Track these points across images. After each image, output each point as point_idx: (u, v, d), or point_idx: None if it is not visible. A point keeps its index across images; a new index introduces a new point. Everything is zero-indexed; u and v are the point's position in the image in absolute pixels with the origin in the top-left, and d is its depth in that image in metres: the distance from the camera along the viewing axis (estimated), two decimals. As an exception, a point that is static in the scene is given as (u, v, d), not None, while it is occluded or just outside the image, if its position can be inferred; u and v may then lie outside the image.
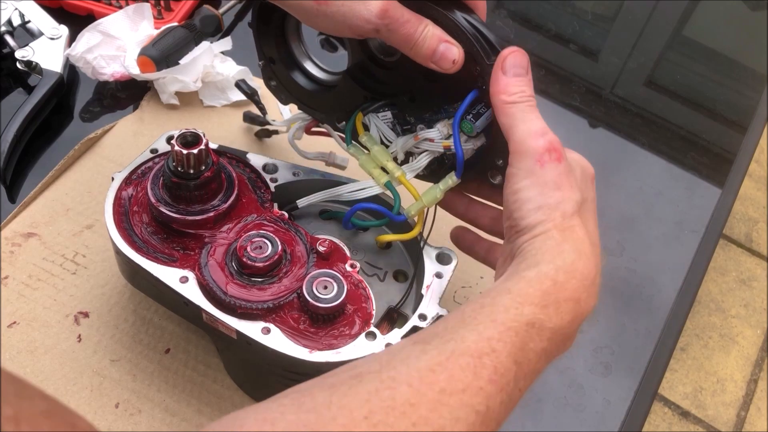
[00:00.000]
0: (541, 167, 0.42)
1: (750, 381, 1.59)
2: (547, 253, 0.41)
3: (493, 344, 0.37)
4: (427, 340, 0.37)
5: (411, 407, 0.34)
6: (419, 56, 0.45)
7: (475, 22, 0.45)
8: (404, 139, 0.51)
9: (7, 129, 0.65)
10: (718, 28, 0.97)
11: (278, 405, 0.35)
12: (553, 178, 0.42)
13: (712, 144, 0.80)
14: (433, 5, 0.44)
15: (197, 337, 0.57)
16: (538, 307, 0.39)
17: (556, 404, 0.58)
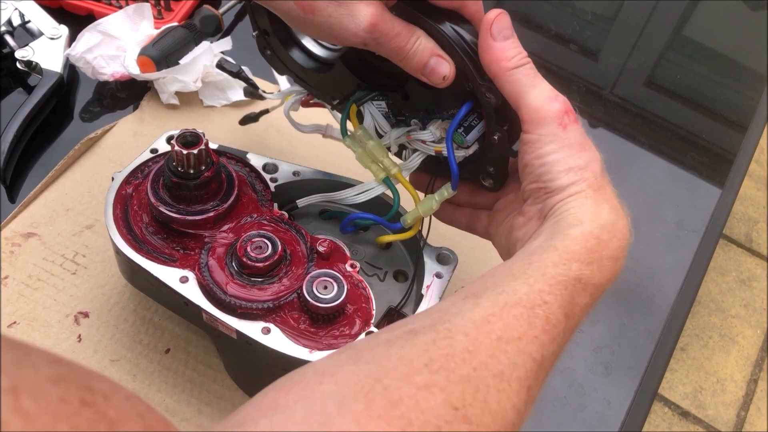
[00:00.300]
0: (564, 130, 0.43)
1: (750, 381, 1.59)
2: (587, 213, 0.42)
3: (544, 296, 0.38)
4: (478, 294, 0.38)
5: (470, 354, 0.34)
6: (409, 69, 0.44)
7: (468, 38, 0.44)
8: (398, 132, 0.50)
9: (7, 129, 0.65)
10: (718, 28, 0.97)
11: (336, 360, 0.35)
12: (577, 139, 0.43)
13: (712, 144, 0.80)
14: (425, 18, 0.44)
15: (197, 337, 0.57)
16: (584, 264, 0.40)
17: (556, 404, 0.58)
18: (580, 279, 0.39)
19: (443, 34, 0.43)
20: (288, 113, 0.57)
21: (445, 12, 0.44)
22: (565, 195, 0.42)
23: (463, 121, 0.46)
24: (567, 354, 0.60)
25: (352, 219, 0.53)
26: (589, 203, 0.42)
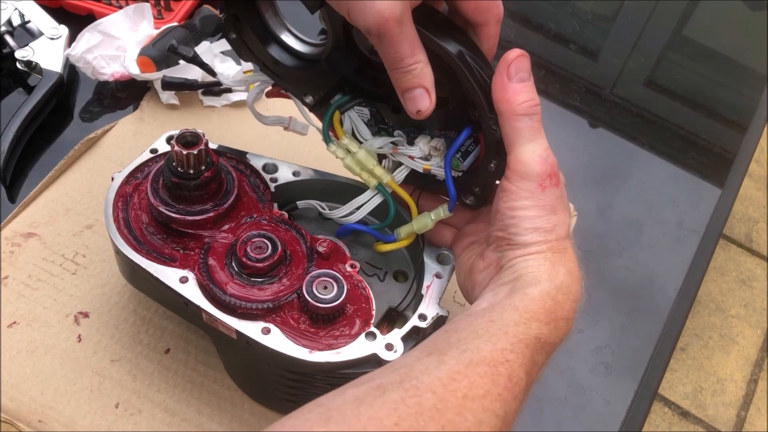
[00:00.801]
0: (542, 191, 0.44)
1: (750, 381, 1.59)
2: (545, 273, 0.43)
3: (506, 355, 0.39)
4: (443, 350, 0.39)
5: (438, 412, 0.35)
6: (394, 82, 0.44)
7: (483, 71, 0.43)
8: (380, 141, 0.49)
9: (7, 129, 0.65)
10: (718, 28, 0.97)
11: (304, 421, 0.36)
12: (551, 202, 0.44)
13: (712, 144, 0.81)
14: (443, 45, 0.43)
15: (197, 337, 0.57)
16: (543, 323, 0.41)
17: (556, 404, 0.58)
18: (539, 338, 0.41)
19: (460, 64, 0.43)
20: (251, 104, 0.55)
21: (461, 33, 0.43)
22: (526, 252, 0.44)
23: (461, 146, 0.47)
24: (567, 354, 0.61)
25: (347, 229, 0.53)
26: (547, 264, 0.43)
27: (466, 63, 0.43)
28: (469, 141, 0.47)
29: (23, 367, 0.54)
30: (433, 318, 0.48)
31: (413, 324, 0.48)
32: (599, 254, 0.67)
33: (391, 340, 0.47)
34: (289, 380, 0.49)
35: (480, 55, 0.44)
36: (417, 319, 0.48)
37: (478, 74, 0.43)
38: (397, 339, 0.47)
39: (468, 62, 0.43)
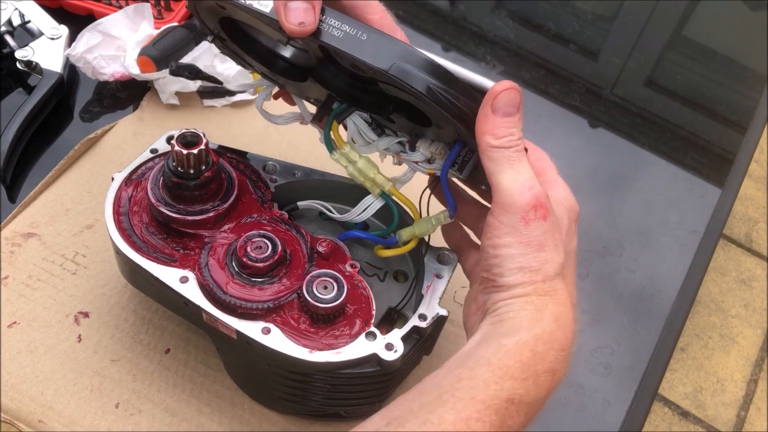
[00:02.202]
0: (525, 225, 0.41)
1: (750, 381, 1.59)
2: (525, 320, 0.40)
3: (471, 425, 0.36)
4: (402, 421, 0.37)
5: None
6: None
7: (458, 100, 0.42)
8: (386, 141, 0.49)
9: (7, 129, 0.65)
10: (718, 28, 0.97)
11: None
12: (537, 238, 0.41)
13: (712, 144, 0.81)
14: (407, 83, 0.41)
15: (197, 337, 0.57)
16: (518, 381, 0.38)
17: (556, 404, 0.58)
18: (512, 400, 0.37)
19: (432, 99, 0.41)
20: (261, 107, 0.54)
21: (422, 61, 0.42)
22: (509, 295, 0.41)
23: (456, 158, 0.46)
24: (567, 354, 0.61)
25: (348, 237, 0.53)
26: (529, 309, 0.40)
27: (437, 98, 0.41)
28: (464, 151, 0.46)
29: (23, 367, 0.54)
30: (433, 318, 0.48)
31: (413, 324, 0.48)
32: (599, 254, 0.67)
33: (391, 340, 0.47)
34: (289, 380, 0.49)
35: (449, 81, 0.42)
36: (417, 319, 0.48)
37: (451, 106, 0.42)
38: (397, 339, 0.47)
39: (439, 97, 0.41)
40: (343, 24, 0.42)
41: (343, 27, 0.42)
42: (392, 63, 0.41)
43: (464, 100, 0.42)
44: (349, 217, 0.52)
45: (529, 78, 0.80)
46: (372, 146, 0.50)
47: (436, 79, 0.41)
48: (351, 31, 0.42)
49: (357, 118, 0.49)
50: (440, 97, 0.41)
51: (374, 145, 0.49)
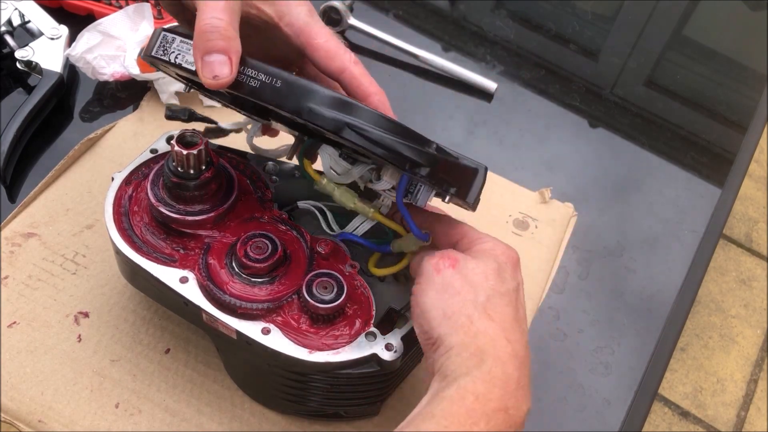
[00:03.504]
0: (438, 274, 0.43)
1: (750, 381, 1.59)
2: (462, 366, 0.40)
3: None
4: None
5: None
6: (195, 40, 0.43)
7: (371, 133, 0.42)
8: (359, 169, 0.49)
9: (7, 129, 0.65)
10: (718, 28, 0.97)
11: None
12: (451, 283, 0.43)
13: (712, 144, 0.80)
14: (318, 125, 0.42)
15: (197, 337, 0.57)
16: (467, 426, 0.37)
17: (556, 404, 0.58)
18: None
19: (347, 140, 0.42)
20: (251, 142, 0.55)
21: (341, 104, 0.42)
22: (445, 348, 0.41)
23: (408, 187, 0.47)
24: (567, 354, 0.61)
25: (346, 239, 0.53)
26: (464, 355, 0.40)
27: (352, 137, 0.42)
28: (415, 179, 0.46)
29: (23, 367, 0.54)
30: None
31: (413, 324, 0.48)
32: (599, 254, 0.67)
33: (391, 340, 0.47)
34: (289, 380, 0.49)
35: (367, 117, 0.42)
36: (417, 319, 0.48)
37: (369, 143, 0.42)
38: (397, 339, 0.47)
39: (354, 136, 0.42)
40: (259, 73, 0.43)
41: (260, 76, 0.43)
42: (301, 107, 0.42)
43: (388, 136, 0.42)
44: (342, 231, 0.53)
45: (529, 78, 0.80)
46: (347, 175, 0.50)
47: (351, 117, 0.42)
48: (266, 79, 0.42)
49: (329, 149, 0.50)
50: (357, 135, 0.42)
51: (349, 173, 0.50)
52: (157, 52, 0.45)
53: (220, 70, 0.42)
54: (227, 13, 0.43)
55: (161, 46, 0.45)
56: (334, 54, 0.46)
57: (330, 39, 0.47)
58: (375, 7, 0.86)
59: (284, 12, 0.47)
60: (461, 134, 0.75)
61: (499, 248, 0.46)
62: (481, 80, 0.78)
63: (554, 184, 0.70)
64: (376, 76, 0.62)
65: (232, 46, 0.42)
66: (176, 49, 0.45)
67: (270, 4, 0.46)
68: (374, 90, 0.48)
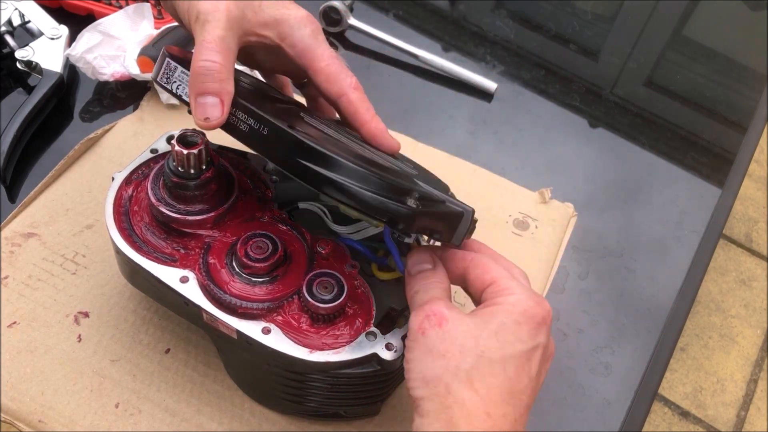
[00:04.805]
0: (422, 335, 0.41)
1: (750, 381, 1.59)
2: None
3: None
4: None
5: None
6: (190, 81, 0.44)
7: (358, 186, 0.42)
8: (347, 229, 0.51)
9: (7, 129, 0.65)
10: (718, 28, 0.97)
11: None
12: (436, 344, 0.40)
13: (712, 144, 0.80)
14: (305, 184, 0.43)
15: (197, 337, 0.57)
16: None
17: (556, 404, 0.58)
18: None
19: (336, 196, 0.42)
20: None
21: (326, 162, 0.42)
22: (420, 412, 0.40)
23: (393, 239, 0.48)
24: (567, 354, 0.61)
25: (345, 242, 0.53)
26: (435, 426, 0.39)
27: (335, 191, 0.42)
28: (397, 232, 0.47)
29: (23, 367, 0.54)
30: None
31: None
32: (599, 254, 0.67)
33: (392, 339, 0.47)
34: (289, 380, 0.49)
35: (346, 171, 0.42)
36: (417, 319, 0.48)
37: (348, 197, 0.42)
38: (397, 339, 0.47)
39: (336, 190, 0.42)
40: (249, 117, 0.43)
41: (249, 121, 0.43)
42: (285, 159, 0.43)
43: (368, 192, 0.42)
44: (344, 231, 0.53)
45: (529, 78, 0.80)
46: (342, 231, 0.52)
47: (332, 173, 0.42)
48: (255, 125, 0.43)
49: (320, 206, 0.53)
50: (336, 191, 0.42)
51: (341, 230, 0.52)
52: (161, 79, 0.47)
53: (211, 112, 0.43)
54: (221, 54, 0.43)
55: (165, 73, 0.47)
56: (334, 79, 0.47)
57: (331, 63, 0.47)
58: (375, 7, 0.86)
59: (287, 34, 0.47)
60: (461, 134, 0.75)
61: (522, 304, 0.42)
62: (481, 80, 0.78)
63: (554, 184, 0.70)
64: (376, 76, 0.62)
65: (225, 88, 0.43)
66: (177, 79, 0.46)
67: (272, 28, 0.47)
68: (369, 118, 0.48)
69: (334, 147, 0.44)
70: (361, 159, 0.44)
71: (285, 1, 0.48)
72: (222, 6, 0.44)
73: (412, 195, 0.43)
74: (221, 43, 0.44)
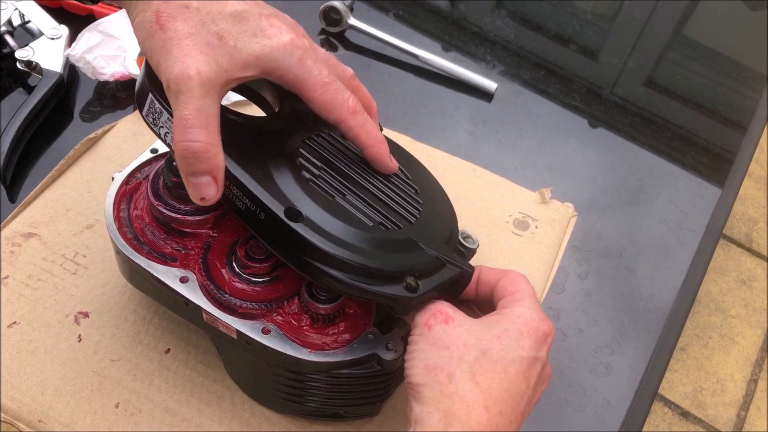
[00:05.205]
0: (429, 330, 0.42)
1: (750, 381, 1.59)
2: (430, 425, 0.39)
3: None
4: None
5: None
6: (177, 161, 0.42)
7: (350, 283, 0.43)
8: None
9: (7, 129, 0.65)
10: (718, 28, 0.97)
11: None
12: (442, 338, 0.41)
13: (712, 144, 0.80)
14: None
15: (197, 337, 0.57)
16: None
17: (556, 404, 0.58)
18: None
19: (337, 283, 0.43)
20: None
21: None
22: (420, 398, 0.40)
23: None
24: (567, 354, 0.61)
25: None
26: (434, 415, 0.39)
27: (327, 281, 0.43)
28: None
29: (23, 367, 0.54)
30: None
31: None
32: (599, 254, 0.67)
33: (391, 340, 0.46)
34: (289, 380, 0.49)
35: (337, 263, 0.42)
36: (417, 319, 0.48)
37: (341, 286, 0.43)
38: (397, 339, 0.47)
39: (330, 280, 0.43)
40: (245, 197, 0.43)
41: (245, 200, 0.43)
42: (278, 246, 0.43)
43: (361, 285, 0.43)
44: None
45: (529, 78, 0.80)
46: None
47: (324, 265, 0.42)
48: (251, 206, 0.43)
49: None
50: (329, 280, 0.43)
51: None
52: (148, 119, 0.45)
53: (206, 191, 0.41)
54: (203, 129, 0.40)
55: (150, 112, 0.45)
56: (329, 108, 0.45)
57: (325, 91, 0.44)
58: (375, 7, 0.86)
59: (272, 68, 0.43)
60: (461, 134, 0.75)
61: (526, 316, 0.43)
62: (481, 80, 0.78)
63: (554, 184, 0.70)
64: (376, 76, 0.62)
65: (215, 164, 0.41)
66: (164, 124, 0.44)
67: (253, 67, 0.43)
68: (371, 142, 0.47)
69: (338, 211, 0.44)
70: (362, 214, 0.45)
71: (264, 23, 0.43)
72: (192, 70, 0.40)
73: (404, 279, 0.44)
74: (200, 116, 0.40)
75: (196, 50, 0.40)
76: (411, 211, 0.48)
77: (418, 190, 0.51)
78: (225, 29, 0.41)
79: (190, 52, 0.40)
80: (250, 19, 0.42)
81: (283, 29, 0.43)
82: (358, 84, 0.49)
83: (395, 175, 0.51)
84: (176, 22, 0.41)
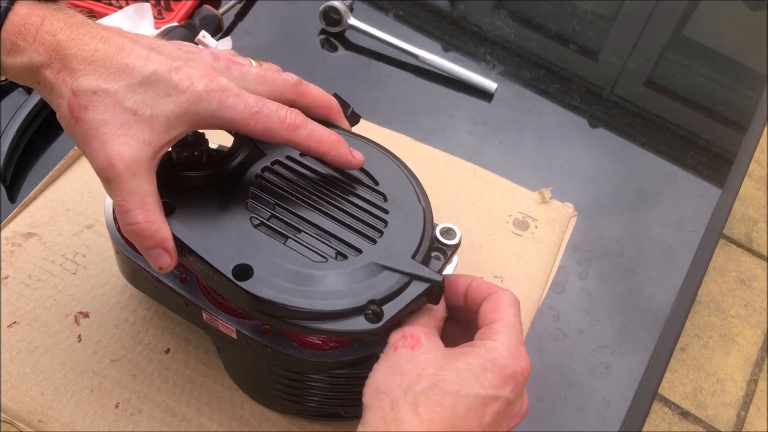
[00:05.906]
0: (394, 351, 0.42)
1: (750, 381, 1.59)
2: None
3: None
4: None
5: None
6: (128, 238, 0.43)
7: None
8: None
9: (7, 129, 0.65)
10: (718, 28, 0.97)
11: None
12: (400, 363, 0.41)
13: (712, 144, 0.80)
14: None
15: (197, 337, 0.57)
16: None
17: (556, 404, 0.58)
18: None
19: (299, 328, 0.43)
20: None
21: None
22: (364, 420, 0.40)
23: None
24: (567, 354, 0.61)
25: None
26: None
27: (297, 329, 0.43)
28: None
29: (23, 367, 0.54)
30: (433, 318, 0.48)
31: None
32: (599, 254, 0.67)
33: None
34: (289, 380, 0.49)
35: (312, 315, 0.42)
36: (417, 319, 0.48)
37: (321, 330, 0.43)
38: (397, 339, 0.46)
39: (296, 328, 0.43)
40: (196, 260, 0.43)
41: (197, 263, 0.43)
42: (245, 307, 0.43)
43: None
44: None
45: (529, 78, 0.80)
46: None
47: (291, 319, 0.42)
48: (203, 268, 0.43)
49: None
50: (301, 328, 0.43)
51: None
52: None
53: (161, 261, 0.43)
54: (139, 211, 0.41)
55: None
56: (268, 133, 0.43)
57: (258, 120, 0.42)
58: (375, 7, 0.86)
59: (196, 120, 0.42)
60: (461, 134, 0.75)
61: (495, 352, 0.41)
62: (481, 80, 0.78)
63: (554, 184, 0.70)
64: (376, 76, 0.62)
65: (160, 238, 0.42)
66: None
67: (177, 126, 0.42)
68: (325, 148, 0.45)
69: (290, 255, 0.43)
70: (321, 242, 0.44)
71: (175, 78, 0.41)
72: (114, 158, 0.40)
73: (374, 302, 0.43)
74: (134, 199, 0.41)
75: (113, 136, 0.40)
76: (376, 226, 0.46)
77: (386, 195, 0.48)
78: (137, 101, 0.41)
79: (108, 140, 0.40)
80: (159, 81, 0.41)
81: (194, 78, 0.41)
82: (306, 88, 0.47)
83: (361, 183, 0.48)
84: (88, 112, 0.40)
